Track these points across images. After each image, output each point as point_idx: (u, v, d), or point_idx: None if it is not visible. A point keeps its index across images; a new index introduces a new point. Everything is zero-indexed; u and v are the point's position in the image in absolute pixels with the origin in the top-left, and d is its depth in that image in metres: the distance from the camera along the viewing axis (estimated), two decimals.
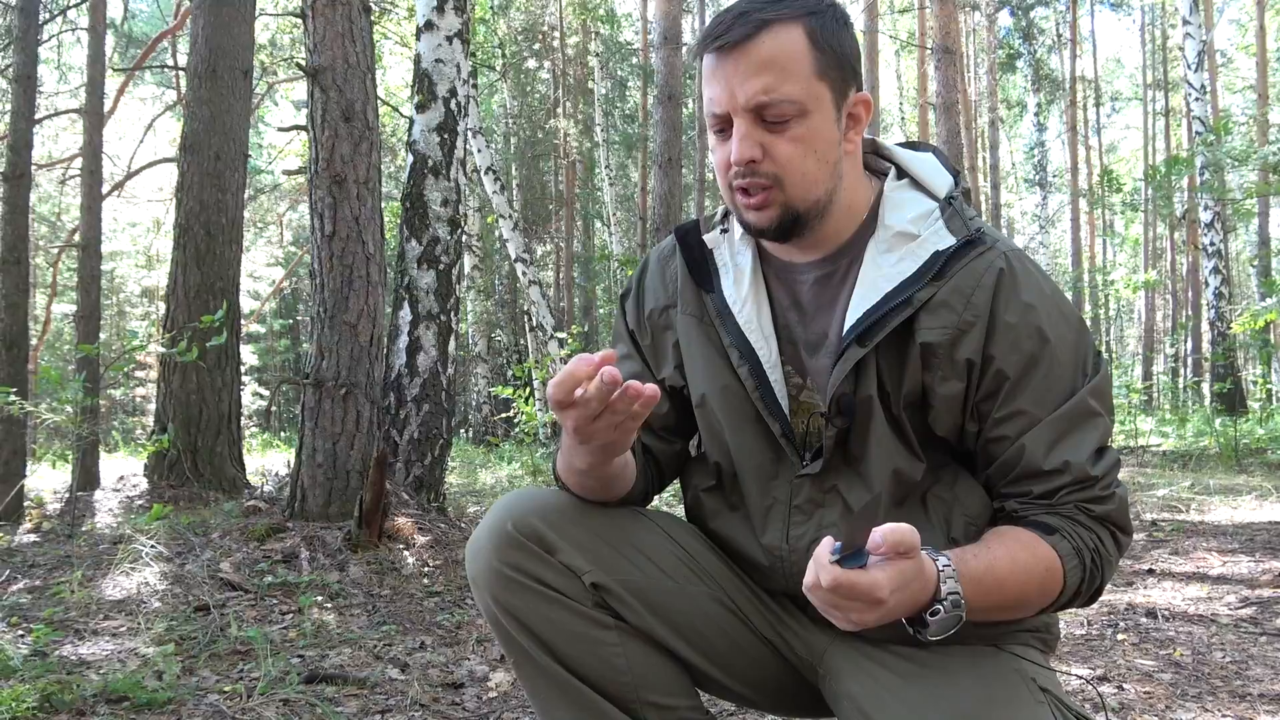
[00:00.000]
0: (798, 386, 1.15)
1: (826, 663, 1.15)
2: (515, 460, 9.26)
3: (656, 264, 1.27)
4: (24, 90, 5.48)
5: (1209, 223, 13.27)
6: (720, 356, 1.17)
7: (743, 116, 1.02)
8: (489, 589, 1.13)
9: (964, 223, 1.07)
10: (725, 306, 1.15)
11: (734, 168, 1.04)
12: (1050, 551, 1.02)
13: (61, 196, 17.31)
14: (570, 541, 1.13)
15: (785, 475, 1.15)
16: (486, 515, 1.17)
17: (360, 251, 3.76)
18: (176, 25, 10.02)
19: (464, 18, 4.35)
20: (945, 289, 1.05)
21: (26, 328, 5.61)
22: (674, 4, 10.96)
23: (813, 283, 1.14)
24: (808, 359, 1.14)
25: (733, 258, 1.18)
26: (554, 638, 1.12)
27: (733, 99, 1.02)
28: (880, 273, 1.07)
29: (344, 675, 2.17)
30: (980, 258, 1.06)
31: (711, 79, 1.03)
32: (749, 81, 1.01)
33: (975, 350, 1.05)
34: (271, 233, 22.24)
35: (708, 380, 1.18)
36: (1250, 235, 18.23)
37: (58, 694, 1.89)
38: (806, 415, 1.14)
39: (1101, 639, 2.65)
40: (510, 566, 1.11)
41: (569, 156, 18.58)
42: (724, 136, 1.05)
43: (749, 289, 1.15)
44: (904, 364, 1.07)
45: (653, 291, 1.25)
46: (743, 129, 1.02)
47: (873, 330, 1.05)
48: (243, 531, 3.46)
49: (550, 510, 1.15)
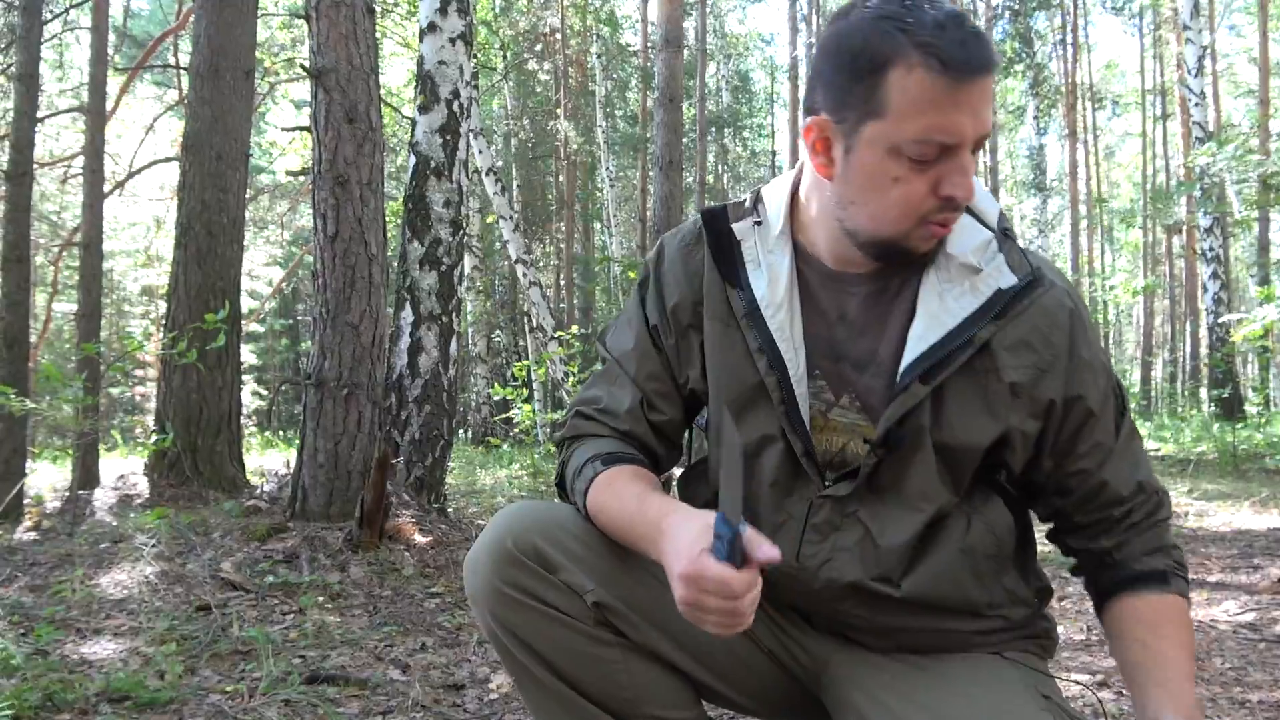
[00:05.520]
0: (828, 403, 1.09)
1: (830, 672, 1.15)
2: (515, 461, 9.26)
3: (678, 252, 1.18)
4: (26, 89, 5.49)
5: (1208, 228, 13.29)
6: (744, 362, 1.10)
7: (968, 148, 0.95)
8: (489, 607, 1.10)
9: (1023, 258, 1.06)
10: (755, 307, 1.09)
11: (943, 202, 0.96)
12: (1179, 601, 1.09)
13: (63, 195, 17.32)
14: (572, 559, 1.10)
15: (803, 493, 1.11)
16: (485, 531, 1.13)
17: (363, 252, 3.77)
18: (179, 25, 10.03)
19: (467, 20, 4.36)
20: (1022, 328, 1.04)
21: (27, 326, 5.61)
22: (675, 6, 10.97)
23: (864, 297, 1.08)
24: (854, 376, 1.08)
25: (764, 254, 1.10)
26: (555, 655, 1.10)
27: (974, 129, 0.94)
28: (942, 305, 1.04)
29: (345, 676, 2.17)
30: (1047, 295, 1.05)
31: (951, 105, 0.92)
32: (986, 109, 0.94)
33: (1058, 390, 1.05)
34: (271, 232, 22.23)
35: (730, 388, 1.12)
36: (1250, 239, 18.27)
37: (60, 693, 1.90)
38: (834, 434, 1.10)
39: (1102, 644, 2.65)
40: (510, 585, 1.08)
41: (569, 158, 18.58)
42: (925, 166, 0.95)
43: (784, 293, 1.08)
44: (978, 402, 1.05)
45: (675, 284, 1.16)
46: (971, 162, 0.96)
47: (936, 370, 1.03)
48: (244, 531, 3.46)
49: (552, 527, 1.12)
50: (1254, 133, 14.91)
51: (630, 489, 1.08)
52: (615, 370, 1.21)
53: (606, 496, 1.09)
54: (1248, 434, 9.03)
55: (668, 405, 1.19)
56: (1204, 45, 13.81)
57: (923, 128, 0.92)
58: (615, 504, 1.08)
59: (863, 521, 1.09)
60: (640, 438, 1.19)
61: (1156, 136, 23.79)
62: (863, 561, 1.08)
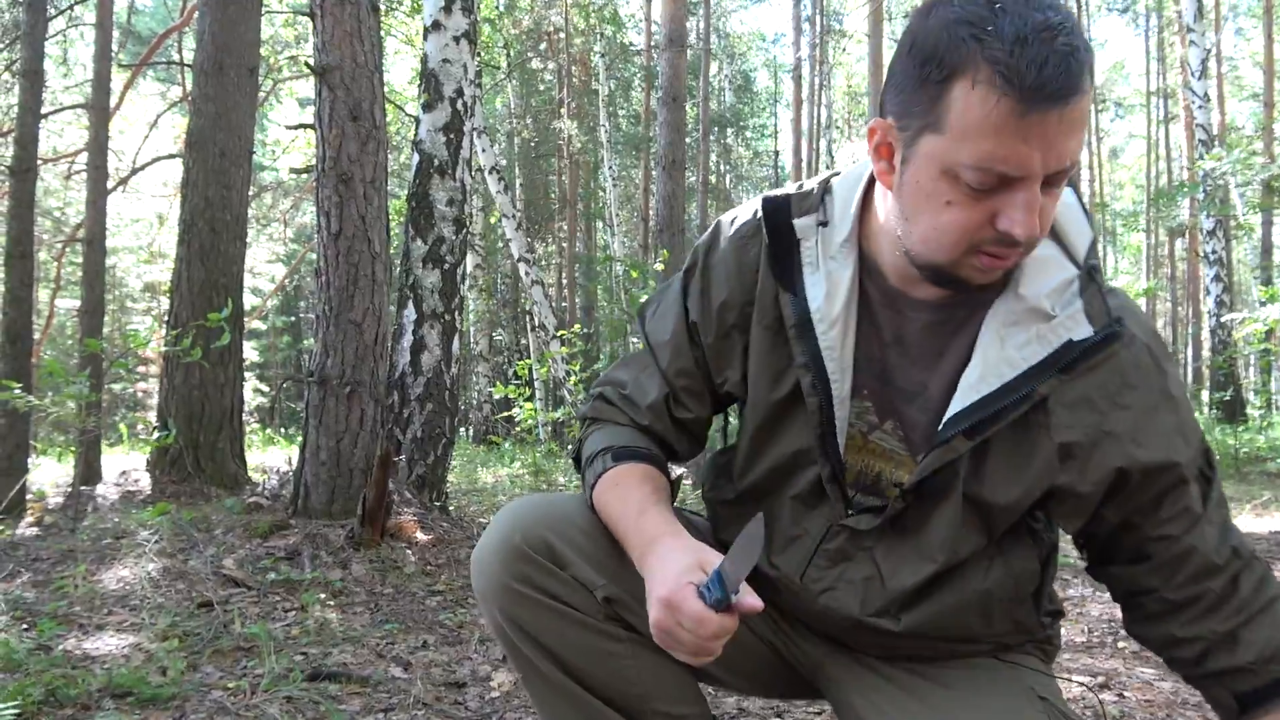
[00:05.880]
0: (871, 425, 1.03)
1: (827, 671, 1.15)
2: (516, 460, 9.26)
3: (732, 244, 1.09)
4: (31, 85, 5.49)
5: (1210, 230, 13.27)
6: (789, 376, 1.04)
7: (1036, 183, 0.83)
8: (497, 603, 1.08)
9: (1104, 306, 0.94)
10: (807, 318, 1.00)
11: (999, 235, 0.85)
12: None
13: (66, 191, 17.34)
14: (580, 554, 1.08)
15: (823, 512, 1.07)
16: (491, 525, 1.11)
17: (366, 250, 3.77)
18: (183, 21, 10.03)
19: (471, 18, 4.36)
20: (1087, 384, 0.95)
21: (30, 322, 5.62)
22: (679, 6, 10.96)
23: (924, 325, 1.00)
24: (901, 404, 1.02)
25: (824, 260, 1.01)
26: (564, 651, 1.08)
27: (1040, 164, 0.82)
28: (1002, 353, 0.94)
29: (347, 673, 2.18)
30: (1125, 351, 0.95)
31: (1012, 134, 0.80)
32: (1066, 143, 0.81)
33: (1128, 457, 0.96)
34: (274, 230, 22.25)
35: (771, 400, 1.06)
36: (1254, 242, 18.26)
37: (63, 688, 1.90)
38: (872, 457, 1.05)
39: (1103, 647, 2.65)
40: (520, 580, 1.06)
41: (572, 157, 18.58)
42: (983, 194, 0.84)
43: (841, 308, 0.99)
44: (1022, 460, 0.97)
45: (725, 279, 1.08)
46: (1038, 199, 0.84)
47: (984, 425, 0.95)
48: (245, 528, 3.46)
49: (560, 521, 1.09)
50: (1258, 136, 14.90)
51: (634, 495, 1.06)
52: (647, 358, 1.17)
53: (610, 496, 1.08)
54: (1249, 437, 9.03)
55: (695, 403, 1.15)
56: (1208, 48, 13.79)
57: (981, 154, 0.82)
58: (617, 507, 1.06)
59: (875, 561, 1.05)
60: (660, 434, 1.16)
61: (1160, 139, 23.77)
62: (865, 599, 1.05)
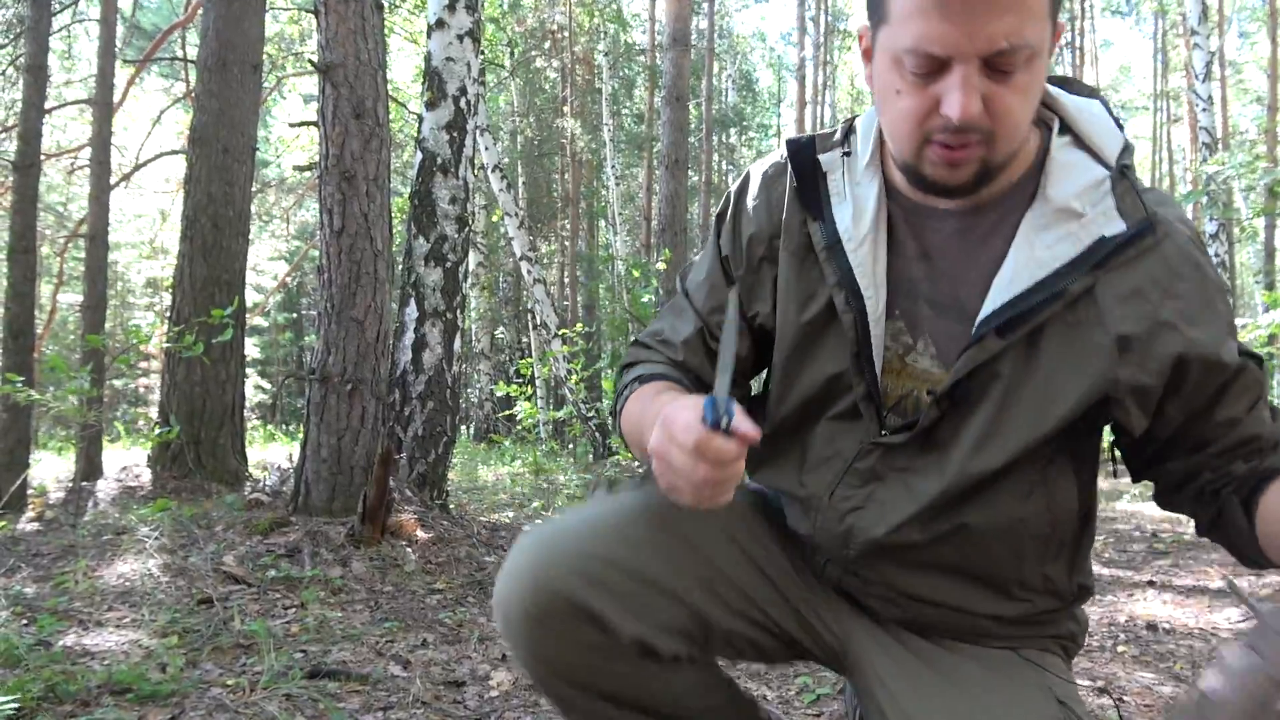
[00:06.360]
0: (906, 346, 1.03)
1: (852, 655, 1.12)
2: (517, 458, 9.27)
3: (761, 182, 1.11)
4: (35, 80, 5.50)
5: (1214, 234, 13.26)
6: (820, 297, 1.04)
7: (972, 64, 0.85)
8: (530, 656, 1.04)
9: (1138, 201, 0.94)
10: (836, 239, 1.02)
11: (942, 119, 0.88)
12: None
13: (69, 187, 17.35)
14: (609, 593, 1.01)
15: (857, 434, 1.06)
16: (511, 568, 1.02)
17: (368, 248, 3.77)
18: (187, 18, 10.04)
19: (475, 16, 4.36)
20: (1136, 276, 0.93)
21: (33, 317, 5.63)
22: (683, 5, 10.96)
23: (950, 233, 1.00)
24: (932, 318, 1.01)
25: (850, 187, 1.04)
26: (603, 684, 1.05)
27: (969, 42, 0.84)
28: (1033, 255, 0.95)
29: (346, 671, 2.18)
30: (1167, 242, 0.94)
31: (936, 11, 0.84)
32: (994, 22, 0.83)
33: (1187, 345, 0.93)
34: (277, 226, 22.25)
35: (801, 323, 1.06)
36: (1256, 245, 18.24)
37: (62, 684, 1.90)
38: (908, 379, 1.03)
39: (1103, 651, 2.65)
40: (549, 633, 1.01)
41: (575, 156, 18.59)
42: (927, 81, 0.88)
43: (869, 228, 1.01)
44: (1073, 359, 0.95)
45: (755, 214, 1.11)
46: (973, 79, 0.86)
47: (1016, 323, 0.94)
48: (246, 525, 3.47)
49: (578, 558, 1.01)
50: (1261, 139, 14.88)
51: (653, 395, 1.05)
52: (682, 302, 1.18)
53: (633, 406, 1.07)
54: None
55: None
56: (1212, 50, 13.78)
57: (913, 36, 0.85)
58: (636, 408, 1.05)
59: (906, 480, 1.03)
60: (696, 369, 1.15)
61: (1164, 140, 23.74)
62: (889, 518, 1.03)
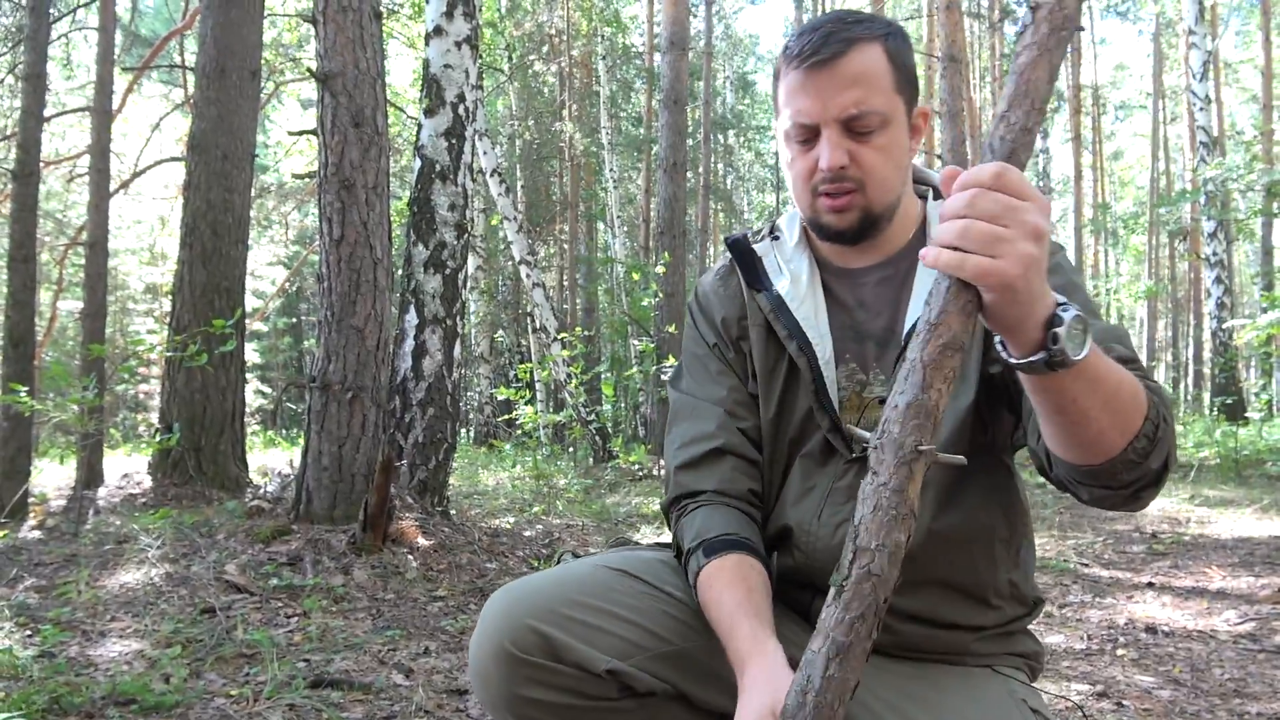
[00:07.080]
0: (861, 383, 1.20)
1: None
2: (517, 463, 9.27)
3: (715, 283, 1.32)
4: (34, 89, 5.52)
5: (1212, 233, 13.27)
6: (778, 351, 1.23)
7: (832, 127, 1.10)
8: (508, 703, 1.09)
9: None
10: (781, 302, 1.22)
11: (820, 173, 1.11)
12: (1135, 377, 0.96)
13: (68, 194, 17.36)
14: (574, 635, 1.08)
15: (833, 464, 1.19)
16: (482, 626, 1.10)
17: (368, 256, 3.78)
18: (185, 25, 10.05)
19: (473, 23, 4.37)
20: None
21: (33, 324, 5.64)
22: (681, 9, 10.97)
23: (875, 284, 1.21)
24: (878, 352, 1.20)
25: (785, 264, 1.25)
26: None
27: (825, 110, 1.09)
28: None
29: (349, 680, 2.18)
30: None
31: (800, 93, 1.10)
32: (841, 95, 1.09)
33: None
34: (276, 232, 22.25)
35: (768, 375, 1.24)
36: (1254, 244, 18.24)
37: (67, 696, 1.91)
38: (870, 411, 1.19)
39: (1101, 654, 2.66)
40: (522, 684, 1.08)
41: (574, 159, 18.59)
42: (807, 147, 1.12)
43: (807, 289, 1.22)
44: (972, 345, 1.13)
45: (721, 304, 1.30)
46: (834, 138, 1.10)
47: None
48: (248, 533, 3.48)
49: (549, 602, 1.10)
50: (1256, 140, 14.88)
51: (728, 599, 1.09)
52: (690, 402, 1.28)
53: (707, 599, 1.12)
54: (1249, 438, 9.03)
55: (749, 412, 1.26)
56: (1208, 51, 13.80)
57: (790, 113, 1.12)
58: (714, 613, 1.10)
59: None
60: (736, 449, 1.24)
61: (1161, 140, 23.77)
62: None
